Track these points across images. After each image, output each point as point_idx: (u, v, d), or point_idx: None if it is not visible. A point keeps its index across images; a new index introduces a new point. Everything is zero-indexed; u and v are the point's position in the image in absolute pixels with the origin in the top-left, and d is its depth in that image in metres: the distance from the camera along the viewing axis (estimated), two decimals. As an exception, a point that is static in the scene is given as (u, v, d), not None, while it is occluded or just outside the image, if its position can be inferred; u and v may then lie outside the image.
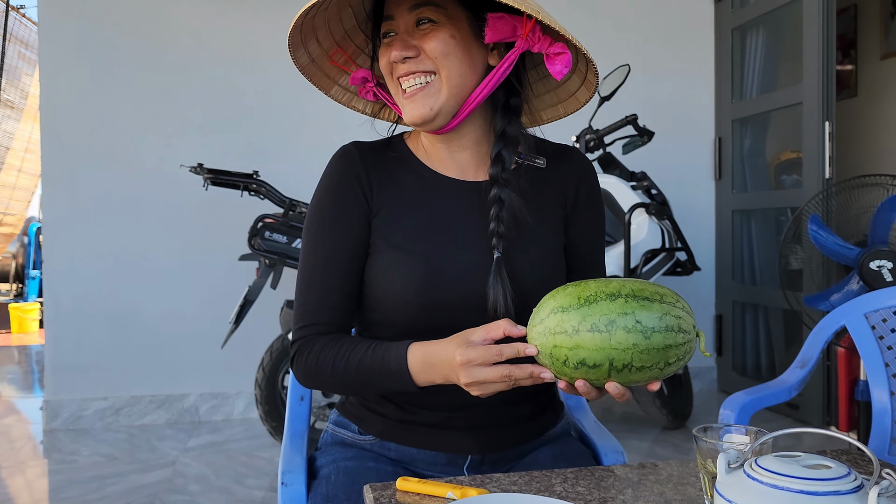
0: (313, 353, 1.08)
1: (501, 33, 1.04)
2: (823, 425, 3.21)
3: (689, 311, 0.90)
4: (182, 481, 2.72)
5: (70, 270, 3.42)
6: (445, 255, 1.09)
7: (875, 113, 5.09)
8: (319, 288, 1.10)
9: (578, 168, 1.19)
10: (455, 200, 1.13)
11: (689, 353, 0.89)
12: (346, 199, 1.11)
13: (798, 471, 0.57)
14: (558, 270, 1.15)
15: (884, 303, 1.66)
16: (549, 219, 1.15)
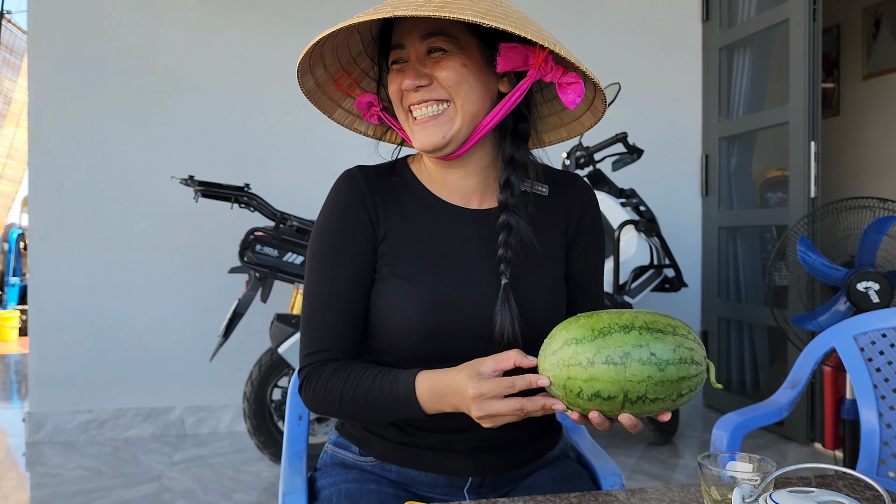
0: (321, 381, 1.08)
1: (514, 63, 1.04)
2: (807, 442, 3.24)
3: (700, 342, 0.91)
4: (169, 496, 2.70)
5: (56, 281, 3.39)
6: (451, 283, 1.09)
7: (857, 132, 5.18)
8: (325, 315, 1.10)
9: (581, 196, 1.20)
10: (460, 228, 1.13)
11: (701, 384, 0.91)
12: (352, 225, 1.11)
13: (813, 507, 0.58)
14: (561, 298, 1.16)
15: (872, 325, 1.69)
16: (552, 246, 1.16)
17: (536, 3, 3.40)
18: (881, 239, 2.16)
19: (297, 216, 2.94)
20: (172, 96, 3.49)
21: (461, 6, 0.93)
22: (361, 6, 3.62)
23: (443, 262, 1.10)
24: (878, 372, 1.67)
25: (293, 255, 2.86)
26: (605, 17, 3.91)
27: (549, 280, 1.14)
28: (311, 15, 3.61)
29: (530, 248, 1.10)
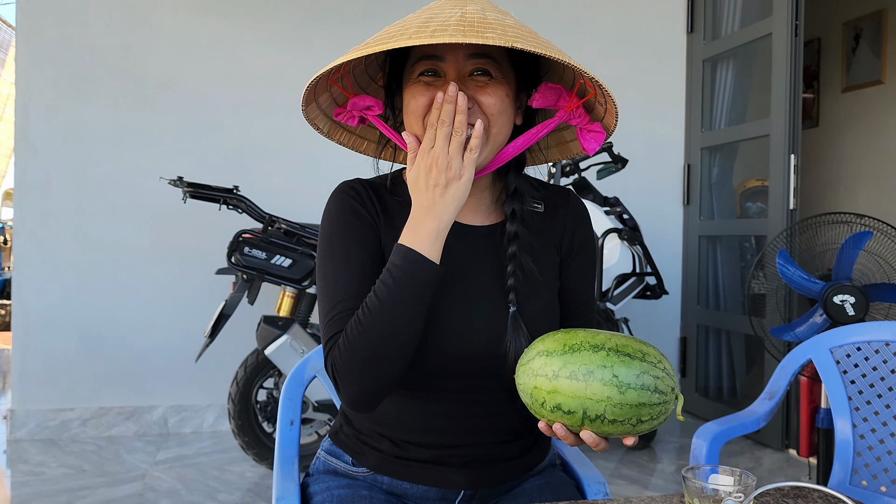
0: (344, 345, 1.01)
1: (548, 101, 1.05)
2: (782, 448, 3.31)
3: (671, 373, 0.92)
4: (153, 495, 2.71)
5: (41, 278, 3.38)
6: (447, 307, 1.09)
7: (835, 144, 5.28)
8: (345, 289, 1.05)
9: (574, 213, 1.22)
10: (455, 246, 1.13)
11: (664, 414, 0.92)
12: (357, 221, 1.10)
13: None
14: (556, 315, 1.18)
15: (848, 339, 1.75)
16: (547, 265, 1.18)
17: (523, 12, 3.44)
18: (857, 254, 2.23)
19: (285, 219, 2.96)
20: (161, 96, 3.49)
21: (524, 37, 0.94)
22: (351, 11, 3.66)
23: (446, 284, 1.10)
24: (852, 384, 1.73)
25: (281, 257, 2.88)
26: (592, 28, 3.97)
27: (547, 300, 1.16)
28: (301, 17, 3.63)
29: (531, 273, 1.13)
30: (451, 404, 1.12)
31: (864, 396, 1.71)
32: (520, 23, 1.02)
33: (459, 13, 0.96)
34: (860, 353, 1.74)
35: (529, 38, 0.94)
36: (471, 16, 0.96)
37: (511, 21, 0.99)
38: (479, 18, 0.95)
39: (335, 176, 3.58)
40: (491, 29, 0.93)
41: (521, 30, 0.97)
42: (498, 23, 0.95)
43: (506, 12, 1.04)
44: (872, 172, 4.99)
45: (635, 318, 3.86)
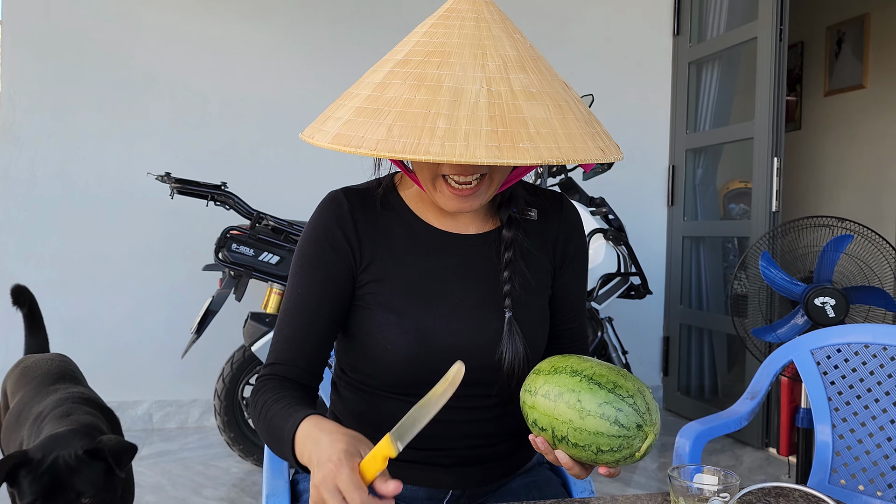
0: (258, 394, 1.07)
1: None
2: (762, 447, 3.37)
3: (643, 410, 0.92)
4: (138, 491, 2.71)
5: (26, 273, 3.36)
6: (437, 315, 1.10)
7: (817, 147, 5.35)
8: (289, 330, 1.10)
9: (567, 219, 1.22)
10: (449, 255, 1.13)
11: (627, 449, 0.92)
12: (327, 250, 1.11)
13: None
14: (547, 322, 1.20)
15: (828, 340, 1.78)
16: (540, 272, 1.19)
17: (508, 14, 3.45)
18: (838, 257, 2.27)
19: (273, 216, 2.96)
20: (148, 91, 3.47)
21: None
22: (340, 8, 3.66)
23: (429, 292, 1.11)
24: (832, 385, 1.77)
25: (268, 254, 2.89)
26: (579, 29, 3.99)
27: (541, 306, 1.17)
28: (291, 14, 3.63)
29: (525, 280, 1.14)
30: (442, 410, 1.13)
31: (843, 397, 1.75)
32: (541, 72, 0.97)
33: (486, 95, 0.90)
34: (840, 354, 1.78)
35: (531, 144, 0.89)
36: (499, 100, 0.90)
37: (535, 87, 0.94)
38: (510, 105, 0.90)
39: (323, 173, 3.59)
40: (524, 126, 0.89)
41: (549, 113, 0.92)
42: (529, 111, 0.91)
43: (523, 48, 0.99)
44: (854, 176, 5.06)
45: (619, 317, 3.90)
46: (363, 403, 1.17)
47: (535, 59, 0.98)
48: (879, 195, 4.85)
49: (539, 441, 0.97)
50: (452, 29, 0.97)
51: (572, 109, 0.96)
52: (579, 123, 0.95)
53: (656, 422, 0.93)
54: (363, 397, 1.16)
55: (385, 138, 0.88)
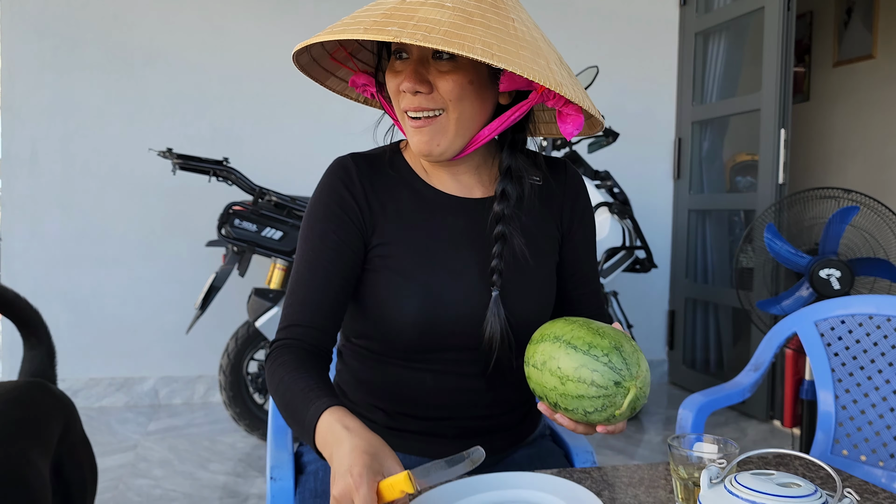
0: (274, 365, 1.07)
1: (517, 84, 1.04)
2: (767, 419, 3.37)
3: (619, 367, 0.90)
4: (145, 465, 2.74)
5: (29, 250, 3.37)
6: (443, 279, 1.10)
7: (826, 118, 5.29)
8: (302, 293, 1.10)
9: (572, 185, 1.22)
10: (454, 219, 1.14)
11: (612, 406, 0.91)
12: (337, 213, 1.11)
13: (772, 489, 0.64)
14: (550, 293, 1.18)
15: (832, 312, 1.77)
16: (545, 238, 1.18)
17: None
18: (844, 228, 2.25)
19: (275, 191, 2.95)
20: (148, 67, 3.45)
21: (472, 36, 0.91)
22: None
23: (436, 256, 1.11)
24: (835, 356, 1.76)
25: (271, 229, 2.88)
26: (585, 1, 3.94)
27: (538, 284, 1.16)
28: (291, -13, 3.59)
29: (522, 258, 1.13)
30: (442, 377, 1.13)
31: (846, 368, 1.74)
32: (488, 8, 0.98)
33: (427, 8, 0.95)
34: (844, 326, 1.77)
35: (478, 39, 0.91)
36: (402, 4, 0.96)
37: (475, 9, 0.96)
38: (410, 9, 0.95)
39: (325, 148, 3.57)
40: (436, 26, 0.92)
41: (472, 22, 0.94)
42: (424, 12, 0.94)
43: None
44: (861, 147, 5.01)
45: (625, 291, 3.89)
46: (368, 371, 1.17)
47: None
48: (887, 166, 4.81)
49: (542, 408, 0.97)
50: None
51: (476, 20, 0.95)
52: (478, 30, 0.93)
53: (637, 375, 0.91)
54: (369, 364, 1.17)
55: (327, 33, 0.97)
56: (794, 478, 0.66)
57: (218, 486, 2.57)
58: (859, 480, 1.06)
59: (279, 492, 1.21)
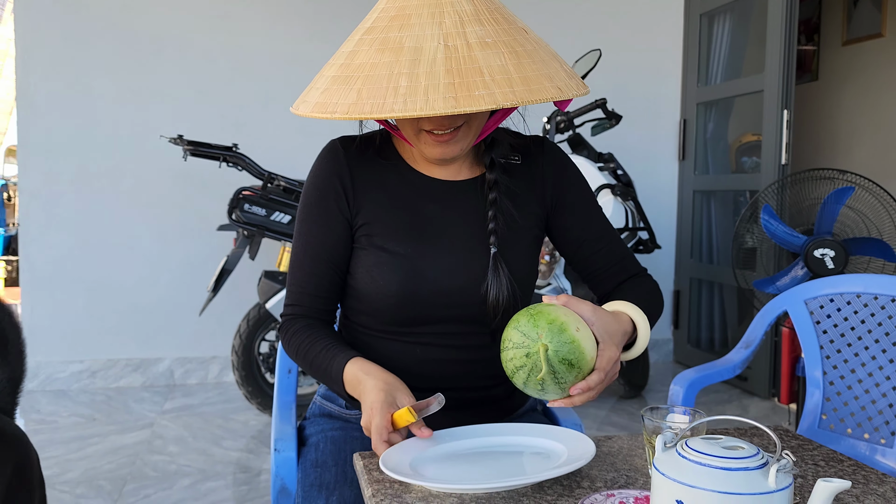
0: (289, 335, 1.22)
1: None
2: (769, 397, 3.42)
3: (523, 330, 0.98)
4: (161, 442, 2.84)
5: (46, 235, 3.46)
6: (428, 254, 1.17)
7: (834, 98, 5.28)
8: (300, 273, 1.22)
9: (550, 158, 1.27)
10: (437, 200, 1.21)
11: (536, 370, 0.97)
12: (327, 196, 1.20)
13: (718, 451, 0.71)
14: (535, 259, 1.26)
15: (821, 291, 1.82)
16: (528, 213, 1.25)
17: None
18: (839, 209, 2.29)
19: (284, 176, 3.02)
20: (157, 55, 3.52)
21: (487, 81, 0.95)
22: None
23: (420, 233, 1.18)
24: (824, 334, 1.81)
25: (280, 213, 2.95)
26: (589, -19, 3.96)
27: (528, 245, 1.23)
28: (298, -26, 3.63)
29: (511, 218, 1.20)
30: (437, 349, 1.20)
31: (834, 346, 1.79)
32: (498, 23, 1.02)
33: (443, 50, 0.97)
34: (833, 304, 1.82)
35: (493, 85, 0.95)
36: (455, 53, 0.97)
37: (491, 37, 0.99)
38: (466, 57, 0.97)
39: (333, 133, 3.61)
40: (479, 76, 0.95)
41: (504, 57, 0.98)
42: (484, 60, 0.97)
43: (481, 1, 1.03)
44: (870, 128, 5.00)
45: (629, 271, 3.93)
46: (364, 346, 1.24)
47: (491, 10, 1.03)
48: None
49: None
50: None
51: (529, 54, 1.01)
52: (536, 66, 1.00)
53: (540, 335, 0.96)
54: (364, 340, 1.24)
55: (355, 102, 0.97)
56: (740, 441, 0.73)
57: (231, 461, 2.66)
58: (827, 450, 1.13)
59: (283, 462, 1.29)
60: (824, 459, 1.09)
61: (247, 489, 2.44)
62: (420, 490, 0.92)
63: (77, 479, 2.48)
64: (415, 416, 1.02)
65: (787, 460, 0.69)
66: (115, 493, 2.39)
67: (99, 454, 2.70)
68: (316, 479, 1.17)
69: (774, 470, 0.68)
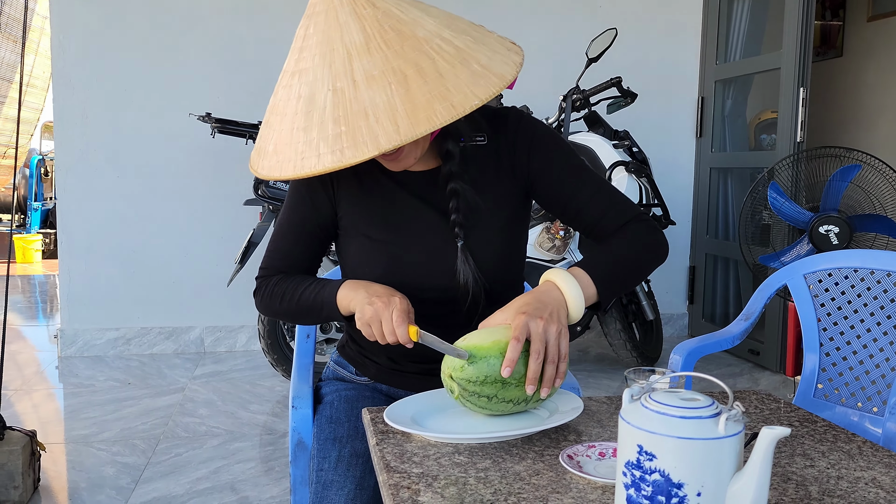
0: (270, 286, 1.29)
1: None
2: (779, 370, 3.49)
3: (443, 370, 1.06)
4: (192, 405, 2.99)
5: (82, 208, 3.62)
6: (405, 241, 1.23)
7: (858, 74, 5.24)
8: (280, 243, 1.31)
9: (516, 131, 1.27)
10: (403, 191, 1.25)
11: (454, 391, 1.04)
12: (307, 184, 1.27)
13: (676, 402, 0.80)
14: (514, 238, 1.31)
15: (820, 265, 1.89)
16: (498, 196, 1.26)
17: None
18: (845, 186, 2.34)
19: (307, 152, 3.12)
20: (187, 34, 3.63)
21: (371, 123, 0.98)
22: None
23: (394, 222, 1.24)
24: (822, 307, 1.88)
25: (303, 189, 3.06)
26: (610, -41, 3.98)
27: (497, 228, 1.27)
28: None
29: (476, 206, 1.24)
30: (432, 329, 1.28)
31: (832, 318, 1.86)
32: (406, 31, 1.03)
33: (331, 97, 1.01)
34: (831, 279, 1.88)
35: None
36: (342, 97, 1.01)
37: (378, 67, 1.01)
38: (352, 99, 1.00)
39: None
40: (364, 119, 0.99)
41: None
42: (370, 99, 0.99)
43: (372, 24, 1.03)
44: (894, 104, 4.97)
45: (645, 247, 3.99)
46: (354, 330, 1.32)
47: (384, 30, 1.03)
48: (920, 123, 4.77)
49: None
50: (309, 28, 1.07)
51: (422, 73, 1.00)
52: (428, 87, 1.00)
53: (444, 370, 1.05)
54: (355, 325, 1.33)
55: (274, 165, 1.06)
56: (697, 394, 0.82)
57: (257, 424, 2.81)
58: (805, 412, 1.21)
59: (300, 418, 1.40)
60: (799, 420, 1.17)
61: (272, 449, 2.58)
62: (420, 439, 1.02)
63: (113, 438, 2.64)
64: (418, 338, 1.09)
65: (737, 410, 0.78)
66: (149, 451, 2.54)
67: (133, 415, 2.86)
68: (331, 433, 1.27)
69: (724, 418, 0.77)
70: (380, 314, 1.10)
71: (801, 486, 0.90)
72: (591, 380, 3.33)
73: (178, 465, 2.43)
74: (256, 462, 2.47)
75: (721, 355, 3.81)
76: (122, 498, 2.19)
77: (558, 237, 3.18)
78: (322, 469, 1.20)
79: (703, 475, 0.76)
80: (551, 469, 0.93)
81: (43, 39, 6.98)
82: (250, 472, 2.39)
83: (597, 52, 3.22)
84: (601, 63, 3.52)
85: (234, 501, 2.19)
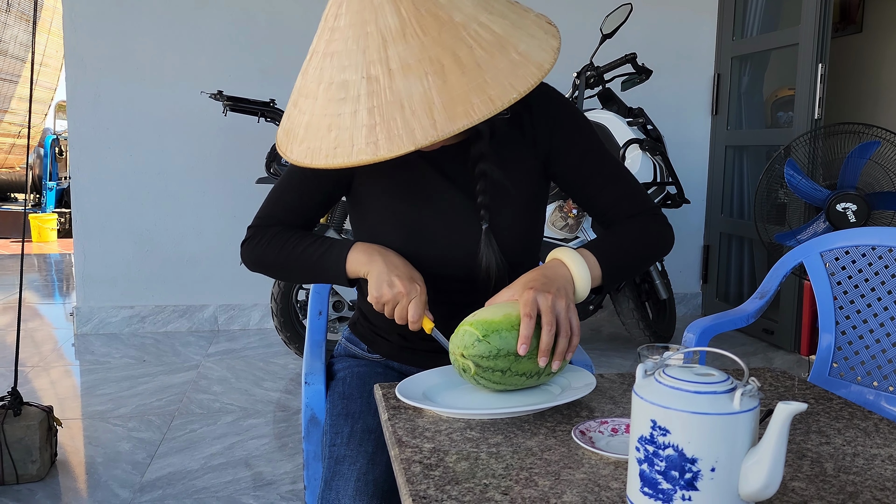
0: (266, 237, 1.26)
1: None
2: (794, 350, 3.47)
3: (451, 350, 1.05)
4: (206, 382, 3.01)
5: (96, 187, 3.63)
6: (427, 217, 1.22)
7: (878, 50, 5.15)
8: (286, 195, 1.28)
9: (537, 106, 1.24)
10: (428, 166, 1.23)
11: (469, 369, 1.04)
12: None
13: (690, 377, 0.79)
14: (535, 218, 1.30)
15: (836, 243, 1.86)
16: (522, 174, 1.25)
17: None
18: (863, 163, 2.30)
19: (319, 130, 3.10)
20: (198, 12, 3.61)
21: (407, 116, 0.95)
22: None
23: (417, 196, 1.22)
24: (838, 285, 1.86)
25: (316, 167, 3.05)
26: (625, -67, 3.91)
27: (520, 210, 1.26)
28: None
29: (503, 187, 1.23)
30: (445, 307, 1.26)
31: (847, 297, 1.84)
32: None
33: (365, 85, 0.97)
34: (847, 256, 1.86)
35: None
36: (376, 86, 0.97)
37: (414, 55, 0.97)
38: (387, 89, 0.96)
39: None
40: (399, 110, 0.95)
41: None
42: (406, 90, 0.96)
43: (408, 7, 0.98)
44: (914, 80, 4.88)
45: (659, 226, 3.96)
46: (365, 305, 1.33)
47: (420, 16, 0.97)
48: (940, 100, 4.69)
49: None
50: (342, 7, 1.01)
51: (460, 63, 0.96)
52: (466, 78, 0.96)
53: (454, 350, 1.04)
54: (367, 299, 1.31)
55: (306, 152, 1.02)
56: (712, 370, 0.81)
57: (271, 401, 2.83)
58: (820, 389, 1.20)
59: (313, 394, 1.41)
60: (815, 398, 1.16)
61: (285, 426, 2.60)
62: (431, 415, 1.02)
63: (129, 414, 2.67)
64: (430, 329, 1.13)
65: (753, 386, 0.77)
66: (164, 426, 2.57)
67: (149, 392, 2.89)
68: (343, 408, 1.27)
69: (739, 394, 0.76)
70: (398, 300, 1.13)
71: (817, 463, 0.90)
72: (603, 359, 3.33)
73: (193, 440, 2.46)
74: (270, 438, 2.49)
75: (735, 335, 3.80)
76: (138, 472, 2.22)
77: (571, 216, 3.16)
78: (335, 444, 1.20)
79: (718, 450, 0.75)
80: (563, 445, 0.93)
81: (56, 18, 6.98)
82: (264, 448, 2.41)
83: (611, 28, 3.18)
84: (615, 39, 3.48)
85: (247, 476, 2.21)
